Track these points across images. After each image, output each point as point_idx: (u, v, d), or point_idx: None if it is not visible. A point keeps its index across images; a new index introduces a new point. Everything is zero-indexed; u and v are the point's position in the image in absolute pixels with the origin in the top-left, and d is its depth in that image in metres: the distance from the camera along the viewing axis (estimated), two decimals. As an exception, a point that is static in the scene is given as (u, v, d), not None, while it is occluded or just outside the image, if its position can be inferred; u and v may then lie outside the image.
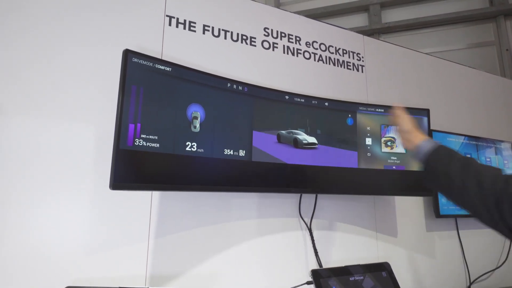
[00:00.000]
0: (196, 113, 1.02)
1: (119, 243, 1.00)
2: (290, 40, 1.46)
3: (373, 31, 2.93)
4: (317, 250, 1.29)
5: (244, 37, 1.35)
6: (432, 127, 1.48)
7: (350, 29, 1.81)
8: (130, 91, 0.89)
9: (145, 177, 0.91)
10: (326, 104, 1.30)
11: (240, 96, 1.13)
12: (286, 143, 1.20)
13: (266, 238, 1.24)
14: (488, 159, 1.80)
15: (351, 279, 1.17)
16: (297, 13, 1.54)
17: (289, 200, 1.31)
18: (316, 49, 1.52)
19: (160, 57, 1.13)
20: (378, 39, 2.75)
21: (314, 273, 1.13)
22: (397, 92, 1.69)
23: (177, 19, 1.22)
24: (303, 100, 1.26)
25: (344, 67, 1.57)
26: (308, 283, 1.12)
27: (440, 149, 0.80)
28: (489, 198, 0.66)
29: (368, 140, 1.34)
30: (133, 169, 0.88)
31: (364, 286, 1.16)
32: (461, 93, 1.94)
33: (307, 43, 1.51)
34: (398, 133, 0.93)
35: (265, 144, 1.16)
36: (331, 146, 1.28)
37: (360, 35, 1.68)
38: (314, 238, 1.30)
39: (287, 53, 1.44)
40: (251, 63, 1.34)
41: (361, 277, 1.19)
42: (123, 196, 1.03)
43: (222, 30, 1.31)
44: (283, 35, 1.45)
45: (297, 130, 1.23)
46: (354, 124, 1.33)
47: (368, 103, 1.43)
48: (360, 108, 1.35)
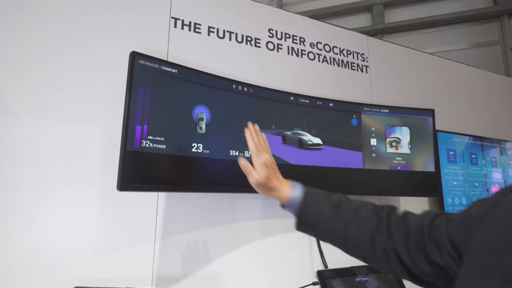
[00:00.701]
0: (202, 115, 1.03)
1: (126, 244, 1.01)
2: (295, 41, 1.47)
3: (377, 31, 2.92)
4: (322, 251, 1.29)
5: (249, 39, 1.36)
6: (437, 128, 1.48)
7: (353, 29, 1.81)
8: (137, 93, 0.90)
9: (152, 178, 0.92)
10: (331, 105, 1.30)
11: (245, 97, 1.13)
12: (291, 144, 1.20)
13: (272, 239, 1.24)
14: (494, 159, 1.79)
15: (356, 280, 1.18)
16: (300, 14, 1.55)
17: (294, 201, 1.31)
18: (321, 50, 1.52)
19: (166, 59, 1.14)
20: (382, 39, 2.75)
21: (320, 274, 1.13)
22: (401, 93, 1.69)
23: (182, 21, 1.23)
24: (308, 101, 1.26)
25: (349, 68, 1.57)
26: (314, 284, 1.12)
27: (309, 198, 0.66)
28: (379, 242, 0.56)
29: (373, 141, 1.34)
30: (140, 170, 0.89)
31: (369, 287, 1.17)
32: (465, 93, 1.94)
33: (312, 44, 1.51)
34: (255, 187, 0.71)
35: (271, 145, 1.15)
36: (336, 147, 1.28)
37: (364, 36, 1.68)
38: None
39: (292, 54, 1.44)
40: (256, 64, 1.35)
41: (366, 278, 1.19)
42: (130, 197, 1.03)
43: (227, 32, 1.31)
44: (288, 36, 1.46)
45: (302, 131, 1.23)
46: (359, 125, 1.33)
47: (373, 104, 1.43)
48: (365, 109, 1.36)
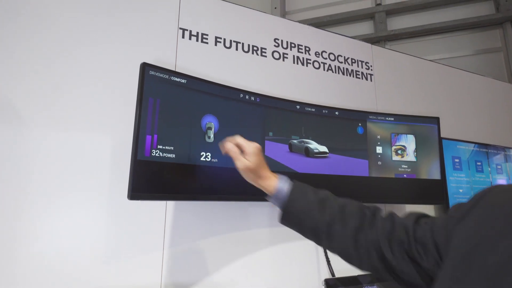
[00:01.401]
0: (210, 124, 1.04)
1: (135, 252, 1.02)
2: (300, 50, 1.49)
3: (379, 39, 2.95)
4: (329, 259, 1.29)
5: (255, 48, 1.38)
6: (442, 135, 1.48)
7: (356, 37, 1.83)
8: (148, 103, 0.92)
9: (162, 187, 0.93)
10: (337, 113, 1.32)
11: (252, 106, 1.15)
12: (298, 152, 1.21)
13: (279, 247, 1.24)
14: (499, 167, 1.79)
15: (364, 288, 1.18)
16: (303, 22, 1.57)
17: (301, 209, 1.31)
18: (325, 59, 1.54)
19: (174, 69, 1.16)
20: (384, 47, 2.77)
21: (327, 283, 1.13)
22: (406, 100, 1.70)
23: (190, 32, 1.25)
24: (314, 110, 1.28)
25: (353, 76, 1.59)
26: (322, 292, 1.12)
27: (296, 191, 0.69)
28: (362, 238, 0.59)
29: (379, 149, 1.35)
30: (150, 179, 0.90)
31: (376, 295, 1.17)
32: (469, 100, 1.94)
33: (316, 53, 1.53)
34: (243, 173, 0.75)
35: (277, 154, 1.17)
36: (342, 155, 1.29)
37: (368, 44, 1.70)
38: (326, 247, 1.30)
39: (297, 63, 1.46)
40: (262, 74, 1.37)
41: (373, 287, 1.19)
42: (138, 206, 1.05)
43: (234, 42, 1.33)
44: (293, 46, 1.48)
45: (308, 139, 1.24)
46: (365, 133, 1.34)
47: (378, 112, 1.44)
48: (370, 117, 1.37)
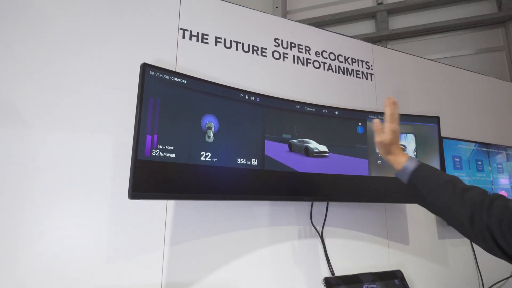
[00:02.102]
0: (210, 124, 1.05)
1: (136, 252, 1.03)
2: (300, 50, 1.49)
3: (381, 38, 2.94)
4: (329, 258, 1.29)
5: (255, 48, 1.38)
6: (442, 134, 1.48)
7: (358, 36, 1.83)
8: (148, 103, 0.93)
9: (162, 187, 0.94)
10: (337, 113, 1.32)
11: (252, 106, 1.15)
12: (298, 152, 1.21)
13: (279, 246, 1.25)
14: (500, 166, 1.79)
15: (363, 287, 1.18)
16: (305, 21, 1.58)
17: (301, 208, 1.32)
18: (326, 59, 1.55)
19: (175, 69, 1.17)
20: (386, 46, 2.77)
21: (327, 281, 1.14)
22: (406, 100, 1.70)
23: (190, 32, 1.26)
24: (314, 109, 1.28)
25: (354, 76, 1.59)
26: (321, 291, 1.13)
27: (422, 169, 0.78)
28: (477, 222, 0.64)
29: (379, 148, 1.35)
30: (151, 179, 0.91)
31: (377, 294, 1.17)
32: (471, 100, 1.94)
33: (317, 53, 1.53)
34: (377, 146, 0.87)
35: (277, 153, 1.18)
36: (342, 154, 1.29)
37: (369, 44, 1.70)
38: (326, 246, 1.31)
39: (297, 63, 1.47)
40: (263, 73, 1.37)
41: (373, 285, 1.20)
42: (139, 205, 1.05)
43: (234, 42, 1.34)
44: (293, 45, 1.48)
45: (308, 139, 1.24)
46: (365, 132, 1.34)
47: (378, 111, 1.44)
48: (370, 117, 1.37)
